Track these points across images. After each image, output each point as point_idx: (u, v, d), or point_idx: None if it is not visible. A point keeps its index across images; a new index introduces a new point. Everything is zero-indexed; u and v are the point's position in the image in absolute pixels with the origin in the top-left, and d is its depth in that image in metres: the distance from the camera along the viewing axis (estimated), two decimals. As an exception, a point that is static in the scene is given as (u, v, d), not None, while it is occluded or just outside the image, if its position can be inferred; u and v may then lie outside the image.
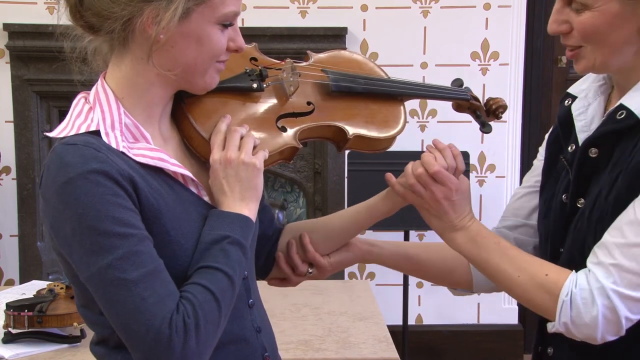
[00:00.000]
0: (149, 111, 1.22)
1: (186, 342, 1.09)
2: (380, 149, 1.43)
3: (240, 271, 1.19)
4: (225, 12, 1.18)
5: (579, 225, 1.31)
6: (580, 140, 1.35)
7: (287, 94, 1.35)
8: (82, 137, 1.14)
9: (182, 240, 1.17)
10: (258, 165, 1.23)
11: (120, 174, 1.11)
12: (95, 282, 1.10)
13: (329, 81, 1.39)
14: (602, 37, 1.25)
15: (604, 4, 1.23)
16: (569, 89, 1.45)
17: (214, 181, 1.23)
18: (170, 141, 1.26)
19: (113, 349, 1.19)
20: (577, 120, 1.37)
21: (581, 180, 1.33)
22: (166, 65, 1.18)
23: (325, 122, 1.37)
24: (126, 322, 1.08)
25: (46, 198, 1.12)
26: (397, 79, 1.46)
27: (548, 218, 1.42)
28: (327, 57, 1.45)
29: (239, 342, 1.26)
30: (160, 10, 1.14)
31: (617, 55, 1.27)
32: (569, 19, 1.27)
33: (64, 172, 1.09)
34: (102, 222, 1.08)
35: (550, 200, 1.41)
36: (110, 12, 1.14)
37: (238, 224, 1.20)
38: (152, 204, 1.14)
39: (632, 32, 1.25)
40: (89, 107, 1.19)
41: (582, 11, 1.25)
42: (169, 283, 1.12)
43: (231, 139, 1.24)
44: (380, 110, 1.42)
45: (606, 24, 1.24)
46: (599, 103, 1.37)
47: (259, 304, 1.35)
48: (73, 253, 1.11)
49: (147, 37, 1.16)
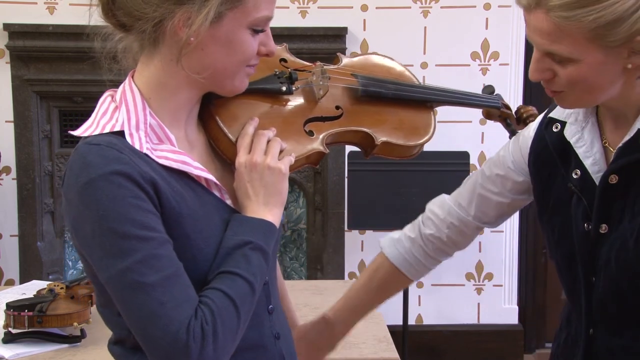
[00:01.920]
0: (175, 113, 1.20)
1: (203, 348, 1.07)
2: (408, 156, 1.40)
3: (262, 278, 1.17)
4: (258, 16, 1.16)
5: (622, 255, 1.27)
6: (588, 165, 1.32)
7: (316, 98, 1.33)
8: (105, 137, 1.13)
9: (202, 245, 1.15)
10: (283, 170, 1.22)
11: (142, 176, 1.09)
12: (113, 285, 1.08)
13: (358, 85, 1.37)
14: (588, 84, 1.22)
15: (588, 56, 1.18)
16: (551, 114, 1.41)
17: (239, 184, 1.22)
18: (196, 144, 1.25)
19: (130, 349, 1.18)
20: (576, 147, 1.34)
21: (603, 207, 1.30)
22: (195, 68, 1.16)
23: (353, 128, 1.35)
24: (143, 326, 1.07)
25: (68, 197, 1.12)
26: (427, 85, 1.43)
27: (564, 246, 1.38)
28: (357, 60, 1.43)
29: (257, 349, 1.24)
30: (192, 13, 1.12)
31: (605, 94, 1.25)
32: (551, 67, 1.23)
33: (86, 172, 1.08)
34: (122, 225, 1.07)
35: (562, 229, 1.38)
36: (142, 13, 1.13)
37: (261, 230, 1.18)
38: (173, 207, 1.13)
39: (618, 73, 1.21)
40: (115, 106, 1.18)
41: (566, 64, 1.21)
42: (188, 287, 1.10)
43: (258, 143, 1.22)
44: (409, 116, 1.40)
45: (593, 73, 1.20)
46: (592, 125, 1.34)
47: (279, 309, 1.33)
48: (93, 254, 1.10)
49: (178, 39, 1.14)
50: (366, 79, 1.38)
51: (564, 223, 1.38)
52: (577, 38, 1.17)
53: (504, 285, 3.94)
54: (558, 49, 1.20)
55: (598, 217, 1.31)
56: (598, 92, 1.24)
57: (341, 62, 1.42)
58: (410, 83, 1.43)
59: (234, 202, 1.24)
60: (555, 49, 1.20)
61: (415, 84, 1.44)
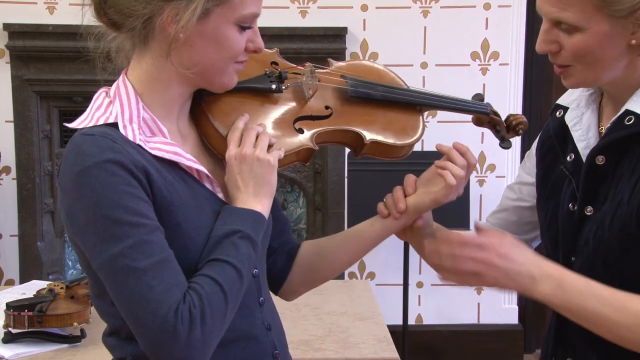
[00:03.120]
0: (167, 108, 1.24)
1: (191, 331, 1.10)
2: (397, 156, 1.43)
3: (250, 265, 1.20)
4: (245, 13, 1.20)
5: (598, 234, 1.30)
6: (580, 149, 1.36)
7: (305, 97, 1.36)
8: (100, 128, 1.16)
9: (193, 234, 1.18)
10: (272, 162, 1.25)
11: (134, 164, 1.13)
12: (105, 270, 1.11)
13: (348, 86, 1.40)
14: (594, 57, 1.25)
15: (595, 25, 1.22)
16: (558, 101, 1.46)
17: (229, 176, 1.25)
18: (187, 138, 1.28)
19: (124, 339, 1.20)
20: (573, 130, 1.38)
21: (589, 188, 1.33)
22: (185, 64, 1.20)
23: (343, 127, 1.38)
24: (133, 309, 1.10)
25: (63, 187, 1.15)
26: (416, 89, 1.46)
27: (552, 228, 1.41)
28: (347, 65, 1.46)
29: (249, 340, 1.27)
30: (180, 9, 1.16)
31: (608, 71, 1.28)
32: (558, 39, 1.27)
33: (81, 161, 1.11)
34: (115, 211, 1.10)
35: (554, 211, 1.41)
36: (131, 10, 1.17)
37: (250, 220, 1.21)
38: (165, 196, 1.16)
39: (622, 49, 1.25)
40: (109, 101, 1.21)
41: (573, 33, 1.25)
42: (178, 273, 1.13)
43: (247, 136, 1.25)
44: (398, 118, 1.43)
45: (598, 44, 1.24)
46: (592, 111, 1.38)
47: (270, 301, 1.36)
48: (86, 241, 1.13)
49: (167, 35, 1.18)
50: (355, 81, 1.41)
51: (555, 206, 1.41)
52: (584, 5, 1.22)
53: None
54: (566, 16, 1.23)
55: (583, 197, 1.33)
56: (602, 67, 1.27)
57: (332, 66, 1.45)
58: (399, 87, 1.46)
59: (225, 195, 1.27)
60: (563, 16, 1.24)
61: (404, 87, 1.46)
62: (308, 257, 1.47)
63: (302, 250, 1.47)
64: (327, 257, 1.46)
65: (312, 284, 1.50)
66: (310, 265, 1.46)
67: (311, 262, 1.46)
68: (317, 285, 1.51)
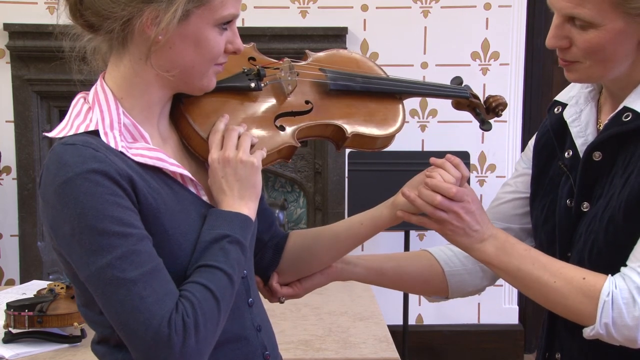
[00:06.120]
0: (147, 111, 1.22)
1: (185, 341, 1.09)
2: (379, 147, 1.43)
3: (240, 270, 1.19)
4: (224, 14, 1.19)
5: (591, 227, 1.31)
6: (578, 145, 1.36)
7: (285, 93, 1.35)
8: (81, 137, 1.14)
9: (181, 239, 1.17)
10: (256, 164, 1.24)
11: (119, 173, 1.11)
12: (94, 282, 1.09)
13: (327, 80, 1.39)
14: (605, 54, 1.25)
15: (610, 22, 1.22)
16: (556, 97, 1.46)
17: (213, 180, 1.24)
18: (169, 141, 1.27)
19: (114, 347, 1.19)
20: (571, 126, 1.38)
21: (586, 184, 1.33)
22: (164, 67, 1.18)
23: (324, 121, 1.37)
24: (125, 321, 1.08)
25: (45, 198, 1.12)
26: (395, 78, 1.46)
27: (549, 224, 1.42)
28: (325, 55, 1.45)
29: (239, 341, 1.27)
30: (160, 11, 1.14)
31: (616, 68, 1.28)
32: (569, 35, 1.27)
33: (63, 171, 1.09)
34: (101, 222, 1.08)
35: (550, 207, 1.41)
36: (110, 12, 1.14)
37: (237, 223, 1.20)
38: (150, 203, 1.14)
39: (632, 46, 1.25)
40: (88, 107, 1.20)
41: (587, 29, 1.24)
42: (168, 282, 1.12)
43: (229, 138, 1.24)
44: (379, 108, 1.42)
45: (611, 41, 1.24)
46: (591, 108, 1.38)
47: (259, 302, 1.35)
48: (72, 253, 1.11)
49: (146, 37, 1.16)
50: (334, 74, 1.41)
51: (552, 202, 1.41)
52: (601, 2, 1.21)
53: (504, 285, 3.93)
54: (581, 12, 1.23)
55: (580, 193, 1.34)
56: (611, 64, 1.27)
57: (309, 58, 1.44)
58: (378, 76, 1.45)
59: (209, 198, 1.26)
60: (578, 12, 1.23)
61: (382, 76, 1.46)
62: (296, 252, 1.46)
63: (290, 243, 1.47)
64: (316, 254, 1.46)
65: (298, 276, 1.49)
66: (298, 259, 1.46)
67: (300, 256, 1.46)
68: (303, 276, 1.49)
